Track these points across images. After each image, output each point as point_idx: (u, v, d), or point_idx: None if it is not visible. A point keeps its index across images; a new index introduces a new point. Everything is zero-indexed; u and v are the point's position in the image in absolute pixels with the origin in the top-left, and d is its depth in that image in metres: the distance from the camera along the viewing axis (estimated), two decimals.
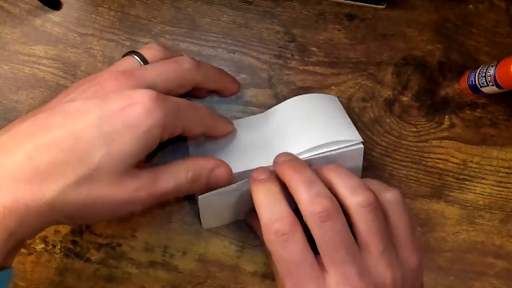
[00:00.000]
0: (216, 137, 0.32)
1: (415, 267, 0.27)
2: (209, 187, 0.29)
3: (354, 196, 0.26)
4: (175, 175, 0.27)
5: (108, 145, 0.23)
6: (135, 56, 0.29)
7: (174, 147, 0.33)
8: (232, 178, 0.30)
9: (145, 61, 0.29)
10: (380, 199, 0.27)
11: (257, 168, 0.29)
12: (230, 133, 0.32)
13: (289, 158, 0.29)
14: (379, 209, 0.27)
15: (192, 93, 0.32)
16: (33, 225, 0.23)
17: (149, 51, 0.30)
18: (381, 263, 0.26)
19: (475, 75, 0.34)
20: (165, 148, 0.33)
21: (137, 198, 0.25)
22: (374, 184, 0.29)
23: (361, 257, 0.26)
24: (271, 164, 0.30)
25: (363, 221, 0.26)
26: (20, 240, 0.23)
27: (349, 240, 0.26)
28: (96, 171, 0.23)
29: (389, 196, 0.28)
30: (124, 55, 0.30)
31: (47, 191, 0.22)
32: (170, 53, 0.31)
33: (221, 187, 0.30)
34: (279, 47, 0.35)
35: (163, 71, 0.28)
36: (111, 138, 0.24)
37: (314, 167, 0.29)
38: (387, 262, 0.26)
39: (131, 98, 0.24)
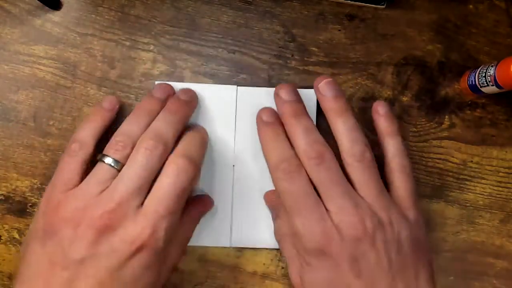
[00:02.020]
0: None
1: (414, 219, 0.30)
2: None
3: (352, 148, 0.29)
4: (193, 224, 0.32)
5: None
6: (106, 161, 0.29)
7: None
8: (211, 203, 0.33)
9: (117, 163, 0.28)
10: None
11: (264, 109, 0.32)
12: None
13: (291, 100, 0.31)
14: (372, 165, 0.30)
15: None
16: None
17: (121, 152, 0.29)
18: (376, 205, 0.29)
19: (475, 75, 0.34)
20: None
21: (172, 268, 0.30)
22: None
23: (357, 196, 0.29)
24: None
25: (357, 171, 0.29)
26: None
27: (342, 180, 0.29)
28: None
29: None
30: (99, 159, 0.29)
31: None
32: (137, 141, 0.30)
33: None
34: (279, 47, 0.35)
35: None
36: None
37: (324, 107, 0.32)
38: (381, 205, 0.29)
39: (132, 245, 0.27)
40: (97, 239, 0.26)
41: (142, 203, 0.28)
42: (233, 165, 0.33)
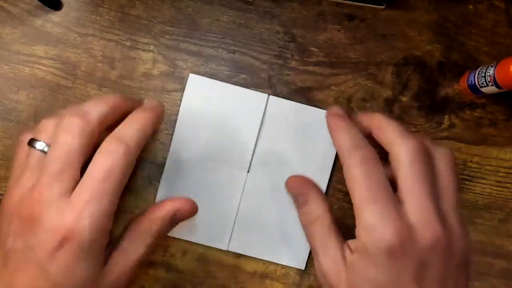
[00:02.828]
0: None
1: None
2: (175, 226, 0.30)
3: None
4: (142, 239, 0.28)
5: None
6: (36, 146, 0.27)
7: None
8: (196, 208, 0.30)
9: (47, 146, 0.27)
10: (431, 151, 0.28)
11: (333, 106, 0.32)
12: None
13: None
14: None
15: None
16: None
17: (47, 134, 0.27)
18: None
19: (475, 75, 0.34)
20: None
21: (120, 283, 0.27)
22: (426, 138, 0.30)
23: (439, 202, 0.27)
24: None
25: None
26: None
27: (384, 182, 0.27)
28: None
29: (442, 150, 0.29)
30: (29, 142, 0.28)
31: None
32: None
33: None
34: (279, 47, 0.35)
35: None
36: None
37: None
38: (457, 219, 0.27)
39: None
40: (24, 231, 0.25)
41: (71, 191, 0.25)
42: (248, 172, 0.34)
